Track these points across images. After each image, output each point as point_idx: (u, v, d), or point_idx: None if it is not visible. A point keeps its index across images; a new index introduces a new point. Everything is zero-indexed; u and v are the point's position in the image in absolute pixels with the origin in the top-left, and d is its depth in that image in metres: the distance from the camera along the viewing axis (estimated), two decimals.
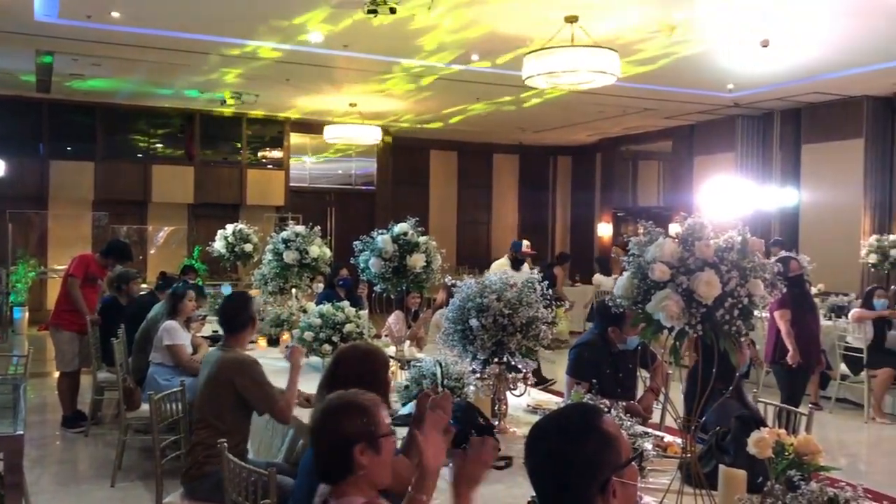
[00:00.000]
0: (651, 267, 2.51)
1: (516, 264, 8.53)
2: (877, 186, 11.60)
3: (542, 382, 7.53)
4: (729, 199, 12.73)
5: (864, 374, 7.73)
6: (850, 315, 7.97)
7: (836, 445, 6.86)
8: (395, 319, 6.10)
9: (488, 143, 17.23)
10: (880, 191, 11.63)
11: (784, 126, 12.84)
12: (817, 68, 9.83)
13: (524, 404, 4.12)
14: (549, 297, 3.68)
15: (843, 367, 7.98)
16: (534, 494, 1.80)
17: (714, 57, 9.32)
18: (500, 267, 8.36)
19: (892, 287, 9.58)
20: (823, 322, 7.87)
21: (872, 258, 10.00)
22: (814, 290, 8.19)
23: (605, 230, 16.95)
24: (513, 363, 3.66)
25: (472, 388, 3.81)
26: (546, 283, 3.76)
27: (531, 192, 18.27)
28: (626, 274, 2.64)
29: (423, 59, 9.61)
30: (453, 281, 3.91)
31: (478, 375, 3.68)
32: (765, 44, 8.42)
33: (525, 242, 8.97)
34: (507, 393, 3.75)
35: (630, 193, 17.09)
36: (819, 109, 12.09)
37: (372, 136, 12.32)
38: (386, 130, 14.30)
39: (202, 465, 3.70)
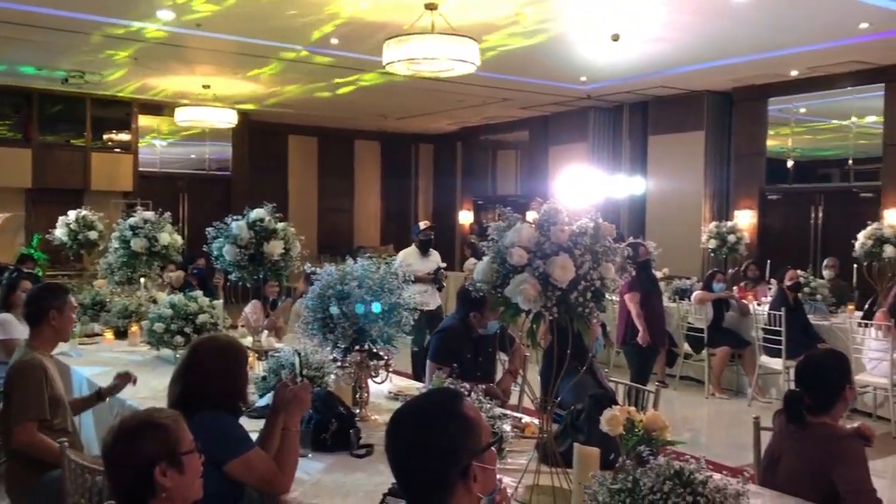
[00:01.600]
0: (509, 251, 2.55)
1: (424, 249, 7.91)
2: (716, 176, 12.40)
3: None
4: (582, 188, 13.21)
5: (704, 352, 8.24)
6: (692, 297, 8.46)
7: (680, 421, 7.27)
8: (251, 309, 5.92)
9: (350, 129, 17.07)
10: (719, 180, 12.43)
11: (633, 118, 13.47)
12: (663, 63, 10.35)
13: (386, 391, 4.10)
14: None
15: (687, 347, 8.47)
16: (394, 482, 1.78)
17: (568, 50, 9.62)
18: (408, 256, 7.80)
19: (730, 271, 10.25)
20: (668, 304, 8.33)
21: (712, 244, 10.66)
22: (659, 275, 8.63)
23: (465, 217, 17.21)
24: (374, 350, 3.63)
25: (332, 376, 3.75)
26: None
27: (394, 179, 18.27)
28: (485, 259, 2.66)
29: (280, 42, 9.37)
30: (313, 268, 3.83)
31: (338, 364, 3.62)
32: (615, 38, 8.77)
33: (422, 223, 8.59)
34: (369, 381, 3.72)
35: (489, 182, 17.43)
36: (664, 103, 12.75)
37: (227, 119, 11.90)
38: (242, 114, 13.85)
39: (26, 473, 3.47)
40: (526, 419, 3.68)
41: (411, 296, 3.73)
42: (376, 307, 3.46)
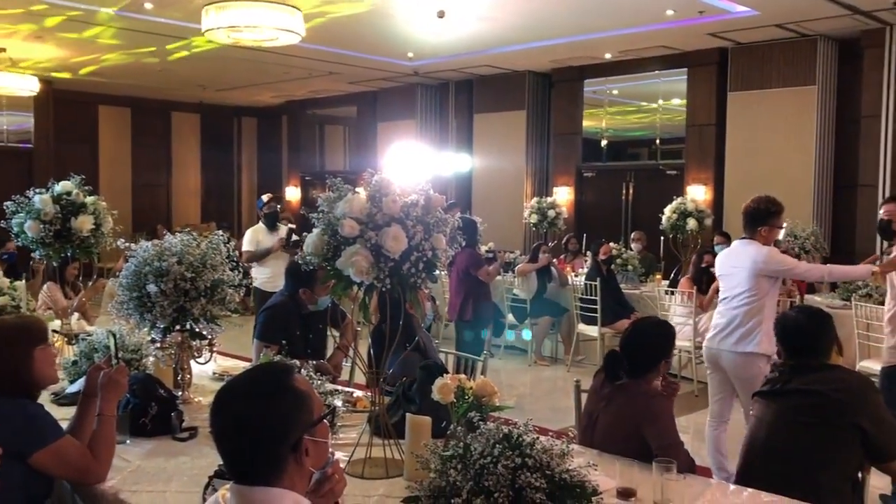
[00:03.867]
0: (341, 223, 2.50)
1: (270, 223, 7.69)
2: (537, 154, 12.89)
3: None
4: (410, 164, 13.29)
5: (528, 321, 8.58)
6: (516, 269, 8.76)
7: (506, 388, 7.54)
8: (47, 291, 5.49)
9: (166, 100, 16.16)
10: (540, 158, 12.94)
11: (459, 96, 13.69)
12: (487, 42, 10.57)
13: (210, 372, 3.94)
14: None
15: (511, 317, 8.77)
16: (221, 464, 1.70)
17: (395, 24, 9.58)
18: (257, 233, 7.65)
19: (550, 244, 10.71)
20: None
21: (533, 218, 11.10)
22: (484, 249, 8.87)
23: (293, 193, 16.85)
24: (197, 330, 3.46)
25: (151, 358, 3.55)
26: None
27: (215, 153, 17.52)
28: (315, 231, 2.60)
29: (86, 4, 8.67)
30: (127, 244, 3.58)
31: (158, 345, 3.43)
32: (441, 15, 8.84)
33: (265, 196, 8.35)
34: (192, 362, 3.55)
35: (317, 157, 17.15)
36: (489, 82, 13.06)
37: (27, 86, 10.88)
38: (46, 82, 12.74)
39: None
40: (358, 393, 3.66)
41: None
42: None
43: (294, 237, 7.47)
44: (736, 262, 4.52)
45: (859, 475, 2.82)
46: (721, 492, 2.63)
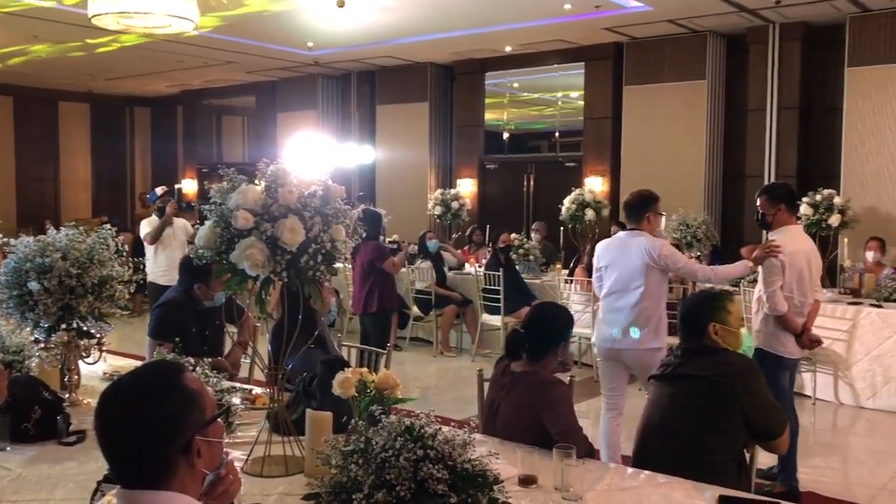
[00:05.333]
0: (234, 215, 2.42)
1: (163, 216, 7.55)
2: (440, 146, 12.93)
3: None
4: (312, 156, 13.10)
5: (432, 313, 8.60)
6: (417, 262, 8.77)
7: (412, 380, 7.54)
8: None
9: (52, 89, 15.35)
10: (443, 150, 12.98)
11: (361, 87, 13.57)
12: (389, 33, 10.50)
13: (101, 373, 3.77)
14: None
15: (416, 309, 8.78)
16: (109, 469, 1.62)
17: (294, 13, 9.40)
18: (151, 224, 7.55)
19: (455, 235, 10.77)
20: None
21: (437, 210, 11.12)
22: (388, 241, 8.84)
23: (190, 185, 16.34)
24: (85, 328, 3.30)
25: (35, 359, 3.36)
26: None
27: (106, 145, 16.78)
28: (207, 223, 2.51)
29: None
30: (6, 239, 3.38)
31: (42, 345, 3.25)
32: (340, 4, 8.72)
33: (159, 189, 8.13)
34: (79, 362, 3.38)
35: (214, 148, 16.67)
36: (391, 73, 12.99)
37: None
38: None
39: None
40: (257, 390, 3.57)
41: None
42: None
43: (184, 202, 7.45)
44: (625, 254, 4.51)
45: (747, 455, 2.94)
46: (619, 475, 2.70)
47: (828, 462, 5.26)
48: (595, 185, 10.84)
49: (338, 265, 2.66)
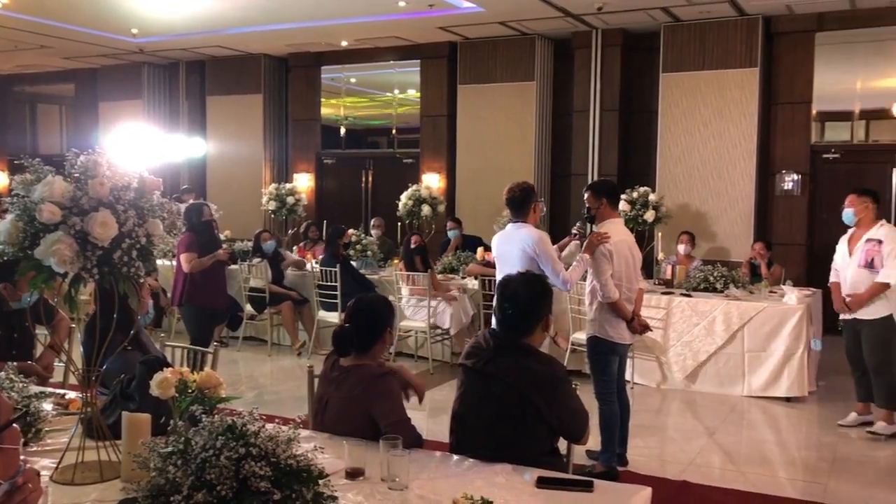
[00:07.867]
0: (39, 208, 2.27)
1: None
2: (275, 140, 12.67)
3: None
4: (138, 148, 12.44)
5: (267, 311, 8.41)
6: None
7: (246, 379, 7.36)
8: None
9: None
10: (279, 144, 12.74)
11: (190, 77, 13.06)
12: (220, 22, 10.16)
13: None
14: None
15: (249, 308, 8.55)
16: None
17: None
18: None
19: (290, 231, 10.60)
20: (231, 267, 8.28)
21: (272, 205, 10.91)
22: (222, 236, 8.55)
23: (1, 179, 15.08)
24: None
25: None
26: None
27: None
28: (9, 216, 2.34)
29: None
30: None
31: None
32: None
33: None
34: None
35: (29, 138, 15.47)
36: (222, 63, 12.58)
37: None
38: None
39: None
40: (71, 395, 3.36)
41: None
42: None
43: None
44: (509, 245, 4.81)
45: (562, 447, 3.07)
46: (445, 463, 2.76)
47: (645, 442, 5.62)
48: (432, 181, 11.02)
49: (159, 262, 2.56)
